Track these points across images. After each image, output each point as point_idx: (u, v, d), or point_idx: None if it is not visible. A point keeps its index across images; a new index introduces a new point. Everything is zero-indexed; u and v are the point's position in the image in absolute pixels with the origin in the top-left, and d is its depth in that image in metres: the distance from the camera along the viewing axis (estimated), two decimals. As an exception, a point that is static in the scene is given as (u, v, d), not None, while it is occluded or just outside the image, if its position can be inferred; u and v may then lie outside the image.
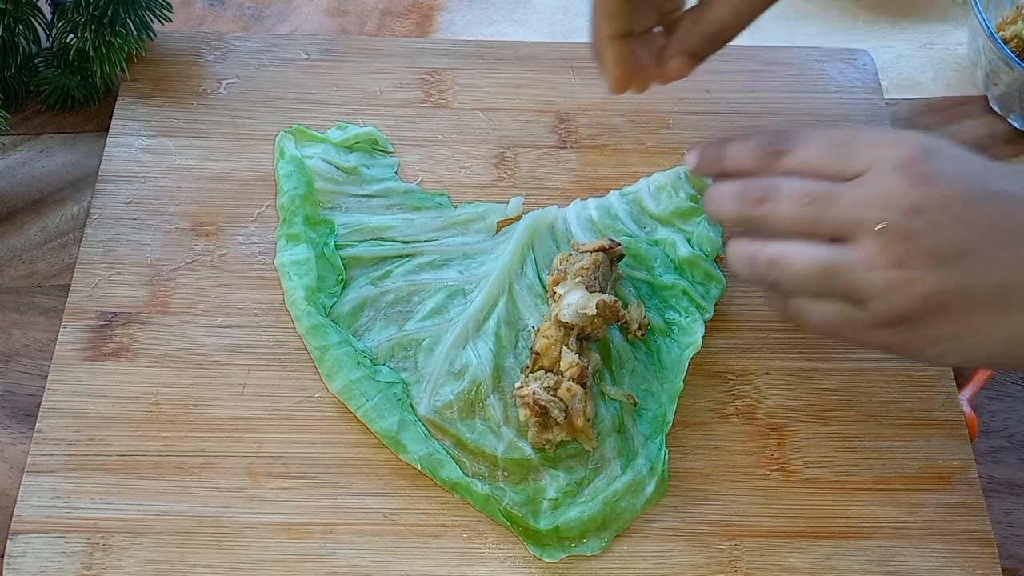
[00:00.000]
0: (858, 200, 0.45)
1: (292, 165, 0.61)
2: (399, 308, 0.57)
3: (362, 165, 0.62)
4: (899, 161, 0.45)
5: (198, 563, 0.51)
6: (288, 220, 0.59)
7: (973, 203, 0.45)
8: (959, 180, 0.45)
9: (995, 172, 0.47)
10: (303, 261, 0.57)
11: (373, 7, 0.75)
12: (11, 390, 0.57)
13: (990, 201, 0.45)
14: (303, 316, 0.56)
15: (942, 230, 0.44)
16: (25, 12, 0.64)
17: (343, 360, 0.54)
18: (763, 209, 0.48)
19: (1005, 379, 0.61)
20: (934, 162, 0.45)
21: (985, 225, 0.45)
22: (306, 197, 0.59)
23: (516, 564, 0.52)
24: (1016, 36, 0.70)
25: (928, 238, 0.44)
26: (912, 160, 0.45)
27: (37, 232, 0.63)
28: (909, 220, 0.44)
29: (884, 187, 0.45)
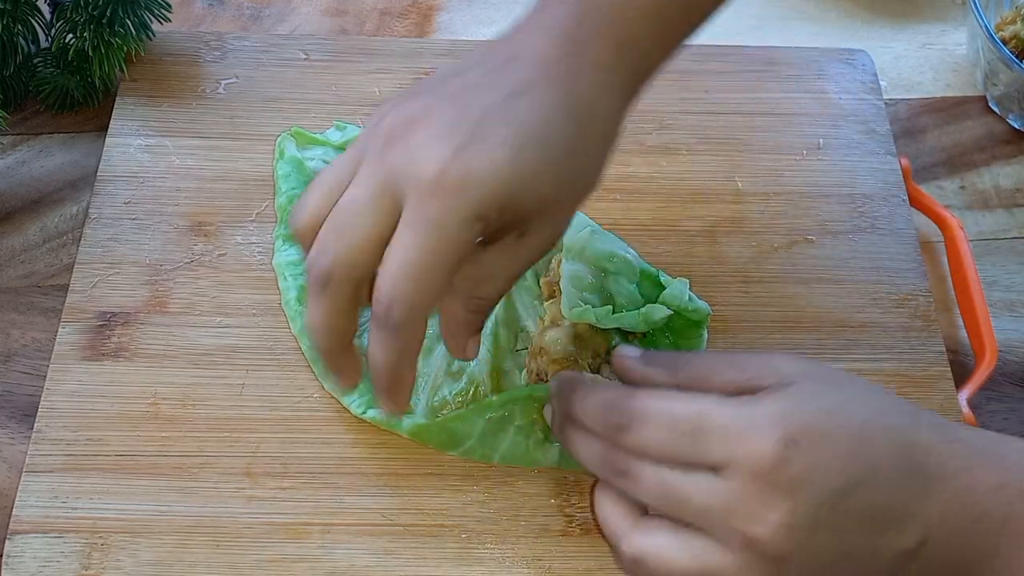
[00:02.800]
0: (717, 504, 0.41)
1: (291, 166, 0.60)
2: None
3: None
4: (759, 465, 0.40)
5: (196, 563, 0.51)
6: (286, 220, 0.59)
7: (844, 502, 0.40)
8: (826, 479, 0.40)
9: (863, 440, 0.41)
10: (299, 262, 0.57)
11: (372, 7, 0.75)
12: (10, 390, 0.57)
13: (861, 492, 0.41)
14: (297, 316, 0.56)
15: (814, 546, 0.40)
16: (24, 12, 0.64)
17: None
18: (623, 483, 0.43)
19: (1004, 380, 0.61)
20: (796, 461, 0.40)
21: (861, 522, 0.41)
22: None
23: (515, 564, 0.52)
24: (1015, 36, 0.70)
25: (803, 554, 0.40)
26: (772, 464, 0.40)
27: (36, 232, 0.63)
28: (778, 539, 0.40)
29: (744, 496, 0.40)
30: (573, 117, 0.44)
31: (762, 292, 0.60)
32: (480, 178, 0.41)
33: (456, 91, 0.44)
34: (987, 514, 0.41)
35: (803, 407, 0.42)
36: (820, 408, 0.42)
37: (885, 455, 0.41)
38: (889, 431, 0.42)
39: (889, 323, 0.60)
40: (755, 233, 0.62)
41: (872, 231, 0.63)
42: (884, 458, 0.41)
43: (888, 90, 0.72)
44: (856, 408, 0.43)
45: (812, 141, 0.66)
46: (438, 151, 0.41)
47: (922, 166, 0.69)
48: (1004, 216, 0.67)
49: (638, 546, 0.43)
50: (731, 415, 0.41)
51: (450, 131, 0.41)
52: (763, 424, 0.41)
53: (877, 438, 0.42)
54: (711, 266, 0.61)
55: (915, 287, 0.61)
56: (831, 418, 0.42)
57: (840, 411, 0.42)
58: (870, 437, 0.42)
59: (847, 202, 0.64)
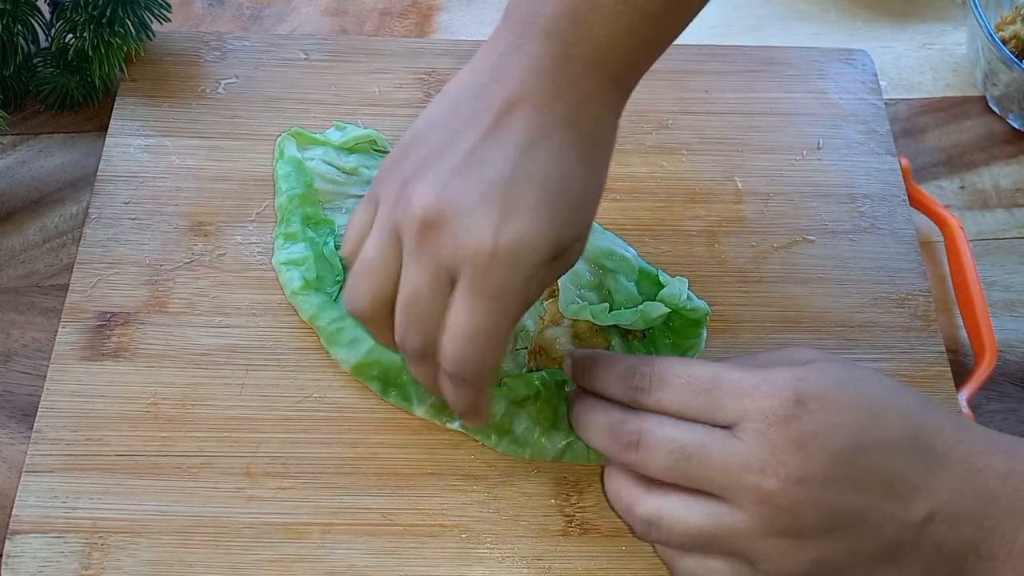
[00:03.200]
0: (730, 462, 0.42)
1: (291, 165, 0.60)
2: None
3: (363, 166, 0.62)
4: (769, 419, 0.42)
5: (196, 563, 0.51)
6: (286, 220, 0.59)
7: (854, 462, 0.42)
8: (836, 438, 0.42)
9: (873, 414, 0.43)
10: (300, 260, 0.57)
11: (372, 7, 0.75)
12: (10, 390, 0.57)
13: (871, 456, 0.43)
14: (308, 299, 0.56)
15: (826, 501, 0.42)
16: (24, 12, 0.64)
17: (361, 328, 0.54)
18: (635, 456, 0.45)
19: (1004, 380, 0.61)
20: (807, 419, 0.42)
21: (869, 483, 0.42)
22: (305, 197, 0.59)
23: (514, 564, 0.52)
24: (1015, 36, 0.70)
25: (813, 509, 0.42)
26: (783, 419, 0.42)
27: (36, 232, 0.63)
28: (789, 491, 0.42)
29: (757, 451, 0.42)
30: (585, 158, 0.45)
31: (762, 292, 0.60)
32: (529, 245, 0.43)
33: (467, 154, 0.44)
34: (996, 498, 0.43)
35: (816, 377, 0.44)
36: (832, 380, 0.44)
37: (895, 429, 0.43)
38: (900, 410, 0.44)
39: (889, 323, 0.60)
40: (755, 233, 0.62)
41: (872, 231, 0.63)
42: (894, 431, 0.43)
43: (888, 90, 0.72)
44: (868, 386, 0.45)
45: (812, 141, 0.66)
46: (481, 230, 0.42)
47: (922, 166, 0.69)
48: (1004, 216, 0.67)
49: (654, 507, 0.45)
50: (746, 376, 0.44)
51: (484, 207, 0.43)
52: (776, 384, 0.43)
53: (888, 414, 0.44)
54: (711, 266, 0.61)
55: (915, 287, 0.61)
56: (842, 390, 0.44)
57: (851, 386, 0.44)
58: (880, 411, 0.44)
59: (847, 202, 0.64)
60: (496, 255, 0.42)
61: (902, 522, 0.43)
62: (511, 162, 0.43)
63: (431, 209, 0.43)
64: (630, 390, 0.46)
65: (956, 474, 0.43)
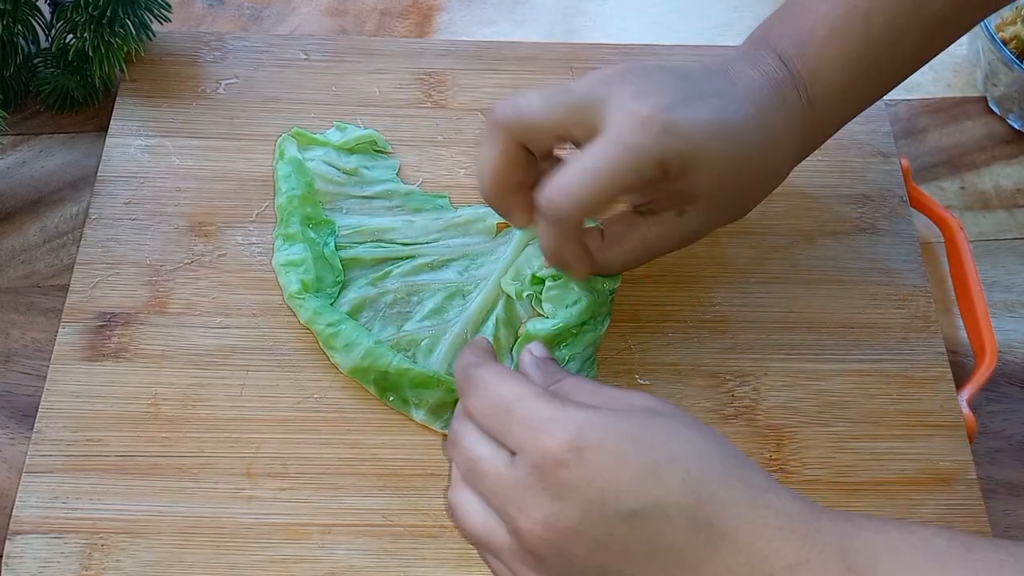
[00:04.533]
0: (500, 488, 0.42)
1: (291, 166, 0.60)
2: (398, 309, 0.57)
3: (363, 167, 0.62)
4: (539, 459, 0.41)
5: (196, 563, 0.51)
6: (285, 220, 0.59)
7: (612, 525, 0.40)
8: (599, 496, 0.40)
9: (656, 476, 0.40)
10: (299, 261, 0.57)
11: (372, 7, 0.75)
12: (10, 390, 0.57)
13: (633, 524, 0.40)
14: (304, 303, 0.56)
15: (574, 554, 0.41)
16: (24, 12, 0.64)
17: (359, 330, 0.55)
18: (450, 452, 0.46)
19: (1004, 380, 0.61)
20: (575, 468, 0.40)
21: (627, 549, 0.40)
22: (305, 198, 0.59)
23: (514, 565, 0.52)
24: (1016, 37, 0.70)
25: (558, 559, 0.41)
26: (552, 463, 0.40)
27: (36, 232, 0.63)
28: (536, 536, 0.41)
29: (521, 486, 0.41)
30: (762, 134, 0.51)
31: (762, 292, 0.60)
32: (681, 131, 0.48)
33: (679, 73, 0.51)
34: None
35: (610, 426, 0.41)
36: (627, 433, 0.41)
37: (675, 496, 0.40)
38: (691, 476, 0.41)
39: (889, 323, 0.60)
40: (755, 233, 0.62)
41: (872, 231, 0.63)
42: (673, 498, 0.40)
43: (888, 90, 0.72)
44: (667, 445, 0.41)
45: (812, 141, 0.66)
46: (657, 100, 0.48)
47: (922, 166, 0.69)
48: (1004, 217, 0.67)
49: (454, 497, 0.46)
50: (541, 408, 0.42)
51: (668, 92, 0.48)
52: (560, 425, 0.41)
53: (672, 478, 0.40)
54: (711, 266, 0.61)
55: (915, 287, 0.61)
56: (631, 444, 0.41)
57: (646, 441, 0.41)
58: (665, 474, 0.40)
59: (847, 202, 0.64)
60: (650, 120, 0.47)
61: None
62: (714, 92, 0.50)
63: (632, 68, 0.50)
64: (459, 388, 0.47)
65: (736, 557, 0.40)
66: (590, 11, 0.76)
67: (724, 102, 0.50)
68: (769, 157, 0.52)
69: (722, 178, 0.50)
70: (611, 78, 0.49)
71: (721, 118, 0.49)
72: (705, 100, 0.49)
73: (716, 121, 0.49)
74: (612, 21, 0.75)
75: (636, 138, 0.47)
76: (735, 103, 0.50)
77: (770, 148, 0.52)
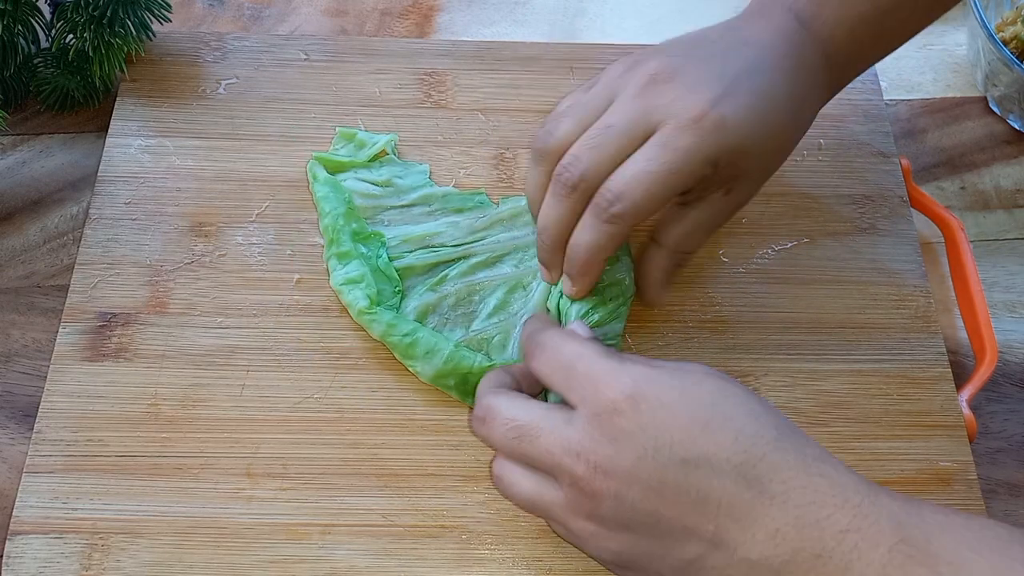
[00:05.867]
0: (554, 444, 0.44)
1: (328, 186, 0.60)
2: (462, 310, 0.57)
3: (395, 177, 0.62)
4: (598, 408, 0.43)
5: (196, 563, 0.51)
6: (335, 240, 0.58)
7: (664, 471, 0.41)
8: (653, 443, 0.42)
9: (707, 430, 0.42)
10: (359, 277, 0.57)
11: (372, 7, 0.75)
12: (10, 390, 0.57)
13: (684, 472, 0.41)
14: (376, 317, 0.55)
15: (627, 498, 0.42)
16: (24, 12, 0.64)
17: (436, 336, 0.55)
18: (482, 430, 0.47)
19: (1004, 381, 0.61)
20: (632, 416, 0.42)
21: (678, 496, 0.41)
22: (348, 214, 0.59)
23: (515, 565, 0.52)
24: (1016, 37, 0.70)
25: (612, 503, 0.42)
26: (610, 410, 0.43)
27: (36, 232, 0.63)
28: (595, 480, 0.42)
29: (578, 437, 0.43)
30: (792, 101, 0.52)
31: (762, 292, 0.60)
32: (732, 125, 0.49)
33: (704, 56, 0.51)
34: (826, 554, 0.40)
35: (665, 380, 0.43)
36: (681, 388, 0.43)
37: (724, 451, 0.41)
38: (742, 436, 0.42)
39: (889, 323, 0.60)
40: (756, 233, 0.62)
41: (873, 232, 0.63)
42: (722, 453, 0.41)
43: (888, 91, 0.72)
44: (720, 404, 0.43)
45: (813, 142, 0.66)
46: (702, 96, 0.49)
47: (922, 167, 0.69)
48: (1004, 217, 0.67)
49: (498, 468, 0.47)
50: (602, 363, 0.44)
51: (709, 85, 0.49)
52: (620, 378, 0.43)
53: (724, 435, 0.42)
54: (711, 266, 0.61)
55: (915, 287, 0.61)
56: (685, 398, 0.43)
57: (699, 397, 0.43)
58: (717, 429, 0.42)
59: (848, 203, 0.64)
60: (701, 120, 0.48)
61: (710, 546, 0.41)
62: (740, 70, 0.50)
63: (665, 68, 0.50)
64: (524, 352, 0.49)
65: (785, 518, 0.40)
66: (590, 11, 0.76)
67: (758, 80, 0.51)
68: (799, 119, 0.54)
69: (766, 154, 0.53)
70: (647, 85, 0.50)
71: (762, 101, 0.50)
72: (744, 84, 0.50)
73: (759, 107, 0.50)
74: (612, 21, 0.75)
75: (688, 140, 0.48)
76: (766, 76, 0.51)
77: (798, 110, 0.53)
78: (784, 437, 0.42)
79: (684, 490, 0.42)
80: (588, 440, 0.43)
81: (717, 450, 0.41)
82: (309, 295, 0.59)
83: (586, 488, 0.43)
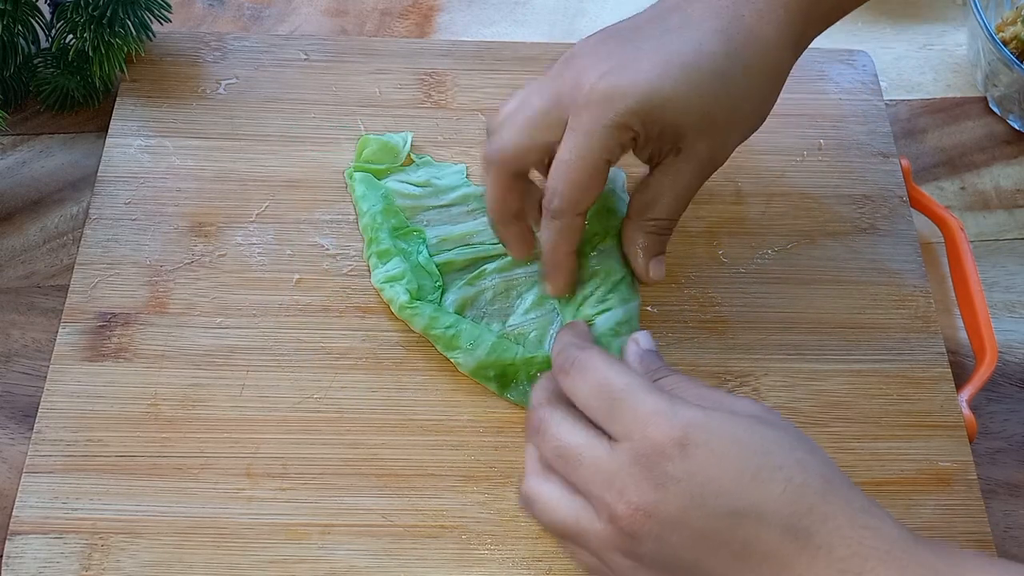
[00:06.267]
0: (596, 475, 0.43)
1: (365, 186, 0.60)
2: (499, 305, 0.58)
3: (433, 177, 0.62)
4: (645, 450, 0.42)
5: (196, 563, 0.51)
6: (375, 239, 0.58)
7: (711, 520, 0.41)
8: (700, 492, 0.41)
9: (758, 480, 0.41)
10: (400, 275, 0.57)
11: (372, 7, 0.75)
12: (10, 390, 0.57)
13: (730, 522, 0.41)
14: (418, 310, 0.56)
15: (669, 543, 0.42)
16: (24, 12, 0.64)
17: (478, 327, 0.55)
18: (533, 440, 0.47)
19: (1004, 381, 0.61)
20: (680, 463, 0.41)
21: (722, 546, 0.41)
22: (386, 211, 0.59)
23: (515, 565, 0.52)
24: (1016, 37, 0.70)
25: (653, 545, 0.42)
26: (658, 454, 0.42)
27: (36, 232, 0.63)
28: (636, 521, 0.42)
29: (623, 473, 0.42)
30: (729, 43, 0.50)
31: (762, 292, 0.60)
32: (621, 92, 0.49)
33: (627, 30, 0.52)
34: None
35: (716, 427, 0.42)
36: (732, 436, 0.42)
37: (774, 502, 0.41)
38: (791, 486, 0.41)
39: (889, 324, 0.60)
40: (756, 234, 0.62)
41: (873, 232, 0.63)
42: (772, 504, 0.41)
43: (889, 91, 0.72)
44: (771, 452, 0.42)
45: (813, 142, 0.66)
46: (595, 70, 0.49)
47: (922, 167, 0.69)
48: (1004, 217, 0.67)
49: (535, 488, 0.46)
50: (651, 401, 0.43)
51: (608, 58, 0.50)
52: (668, 419, 0.42)
53: (774, 483, 0.41)
54: (711, 266, 0.61)
55: (915, 288, 0.61)
56: (735, 446, 0.42)
57: (749, 445, 0.42)
58: (767, 480, 0.41)
59: (848, 203, 0.64)
60: (591, 95, 0.49)
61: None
62: (654, 35, 0.51)
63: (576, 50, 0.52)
64: (557, 366, 0.48)
65: (827, 571, 0.40)
66: (590, 11, 0.76)
67: (670, 37, 0.50)
68: (756, 63, 0.51)
69: (694, 107, 0.50)
70: (558, 71, 0.51)
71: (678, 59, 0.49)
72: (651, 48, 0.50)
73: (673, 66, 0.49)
74: (612, 21, 0.75)
75: (587, 118, 0.49)
76: (686, 29, 0.50)
77: (750, 54, 0.51)
78: (831, 487, 0.42)
79: (730, 540, 0.41)
80: (631, 480, 0.42)
81: (765, 501, 0.41)
82: (309, 295, 0.59)
83: (626, 528, 0.42)
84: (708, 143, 0.52)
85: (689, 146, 0.52)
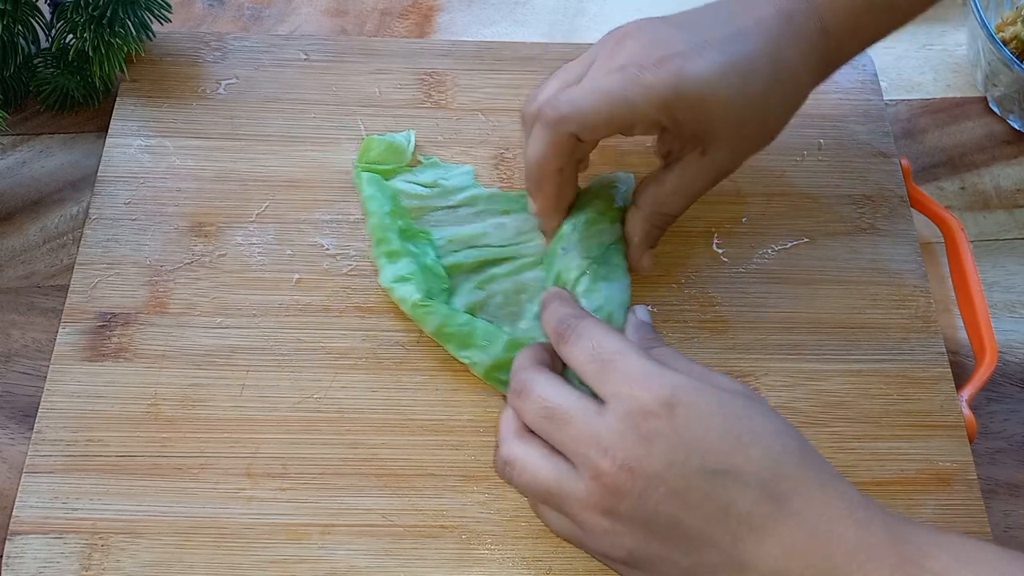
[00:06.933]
0: (583, 433, 0.44)
1: (373, 186, 0.60)
2: (509, 309, 0.58)
3: (440, 178, 0.62)
4: (633, 408, 0.43)
5: (196, 564, 0.51)
6: (384, 239, 0.58)
7: (692, 478, 0.42)
8: (684, 449, 0.42)
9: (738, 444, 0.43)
10: (409, 275, 0.56)
11: (372, 7, 0.75)
12: (10, 390, 0.57)
13: (711, 481, 0.42)
14: (432, 309, 0.55)
15: (650, 499, 0.42)
16: (24, 12, 0.64)
17: (492, 326, 0.56)
18: (516, 403, 0.47)
19: (1004, 381, 0.61)
20: (666, 421, 0.43)
21: (702, 504, 0.42)
22: (394, 212, 0.59)
23: (515, 565, 0.52)
24: (1016, 37, 0.70)
25: (636, 501, 0.42)
26: (644, 412, 0.43)
27: (36, 232, 0.63)
28: (620, 477, 0.42)
29: (609, 432, 0.43)
30: (776, 68, 0.53)
31: (762, 292, 0.60)
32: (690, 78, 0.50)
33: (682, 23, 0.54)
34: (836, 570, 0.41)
35: (703, 392, 0.44)
36: (718, 402, 0.44)
37: (753, 464, 0.42)
38: (770, 452, 0.43)
39: (889, 324, 0.60)
40: (756, 234, 0.62)
41: (873, 232, 0.63)
42: (751, 466, 0.42)
43: (889, 91, 0.72)
44: (752, 421, 0.44)
45: (813, 142, 0.66)
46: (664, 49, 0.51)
47: (922, 167, 0.69)
48: (1004, 217, 0.67)
49: (513, 451, 0.46)
50: (641, 364, 0.45)
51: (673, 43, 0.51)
52: (657, 381, 0.44)
53: (754, 448, 0.43)
54: (711, 266, 0.61)
55: (915, 287, 0.61)
56: (720, 411, 0.43)
57: (733, 413, 0.44)
58: (748, 444, 0.43)
59: (848, 203, 0.64)
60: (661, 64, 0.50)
61: (725, 555, 0.42)
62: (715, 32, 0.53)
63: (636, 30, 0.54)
64: (556, 333, 0.49)
65: (801, 532, 0.42)
66: (590, 11, 0.76)
67: (736, 45, 0.52)
68: (786, 87, 0.54)
69: (737, 115, 0.52)
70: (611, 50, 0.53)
71: (734, 64, 0.51)
72: (715, 46, 0.51)
73: (729, 68, 0.51)
74: (612, 21, 0.74)
75: (643, 77, 0.50)
76: (747, 42, 0.52)
77: (785, 79, 0.54)
78: (804, 456, 0.44)
79: (709, 499, 0.42)
80: (618, 437, 0.43)
81: (745, 464, 0.42)
82: (309, 295, 0.59)
83: (609, 484, 0.43)
84: (732, 150, 0.54)
85: (715, 149, 0.54)
